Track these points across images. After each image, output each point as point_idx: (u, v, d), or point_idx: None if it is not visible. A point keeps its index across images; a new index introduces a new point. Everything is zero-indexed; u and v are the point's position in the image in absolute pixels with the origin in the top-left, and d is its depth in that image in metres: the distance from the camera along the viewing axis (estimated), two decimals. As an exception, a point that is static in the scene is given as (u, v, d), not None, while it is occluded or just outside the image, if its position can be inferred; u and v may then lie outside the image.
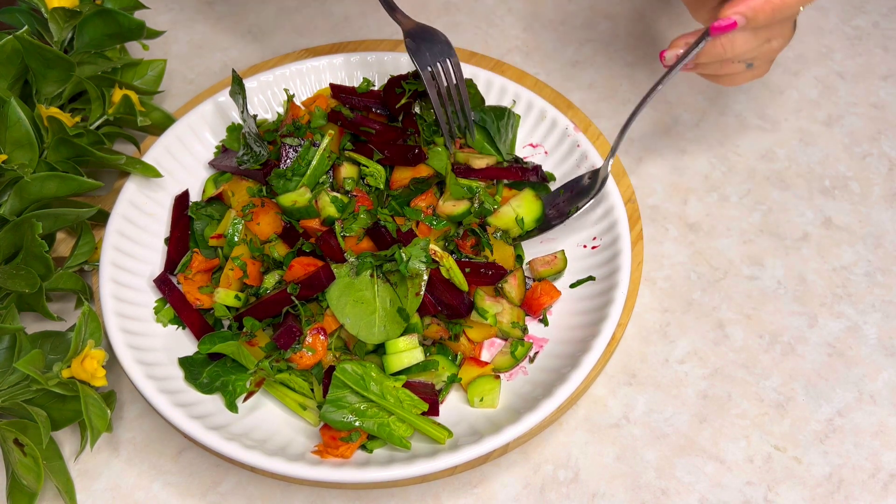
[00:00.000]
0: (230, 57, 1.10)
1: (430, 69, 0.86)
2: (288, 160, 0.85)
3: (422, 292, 0.77)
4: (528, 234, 0.88)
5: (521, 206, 0.87)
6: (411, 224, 0.83)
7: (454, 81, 0.87)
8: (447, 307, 0.79)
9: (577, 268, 0.86)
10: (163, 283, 0.84)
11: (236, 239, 0.83)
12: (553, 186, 0.92)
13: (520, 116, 0.95)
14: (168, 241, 0.88)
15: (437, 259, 0.80)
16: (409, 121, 0.89)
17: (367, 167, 0.87)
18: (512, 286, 0.83)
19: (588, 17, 1.12)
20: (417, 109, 0.90)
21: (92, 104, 0.90)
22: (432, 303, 0.78)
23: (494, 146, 0.92)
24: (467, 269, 0.82)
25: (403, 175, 0.87)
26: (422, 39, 0.87)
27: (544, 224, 0.88)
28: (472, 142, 0.90)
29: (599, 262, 0.85)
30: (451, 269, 0.80)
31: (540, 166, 0.91)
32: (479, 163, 0.88)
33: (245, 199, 0.86)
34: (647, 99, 0.82)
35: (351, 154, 0.87)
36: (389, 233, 0.80)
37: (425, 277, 0.78)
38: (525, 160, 0.93)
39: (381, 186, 0.86)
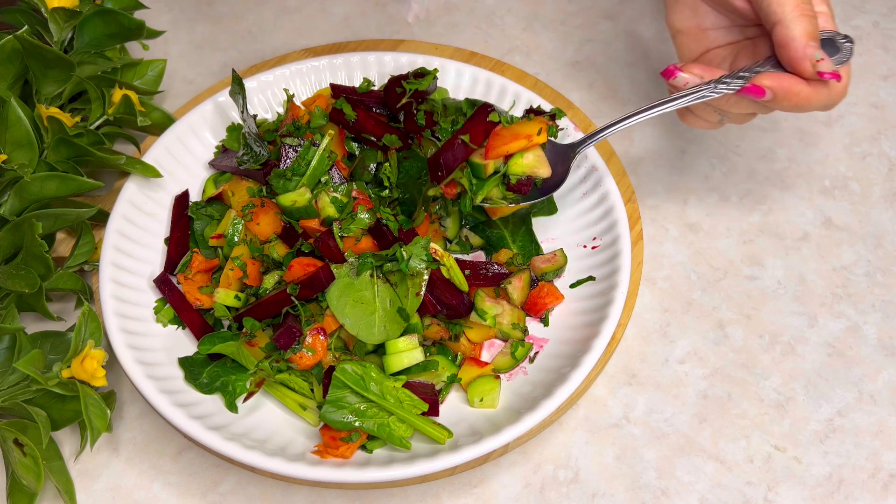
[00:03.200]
0: (230, 57, 1.10)
1: None
2: (288, 160, 0.85)
3: (422, 292, 0.77)
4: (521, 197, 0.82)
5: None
6: (413, 223, 0.83)
7: None
8: (447, 307, 0.79)
9: (577, 268, 0.86)
10: (163, 283, 0.84)
11: (236, 239, 0.83)
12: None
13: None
14: (168, 241, 0.88)
15: (437, 258, 0.80)
16: (409, 121, 0.89)
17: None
18: (516, 287, 0.83)
19: (588, 17, 1.12)
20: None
21: (92, 104, 0.90)
22: (432, 303, 0.78)
23: None
24: (467, 271, 0.82)
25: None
26: None
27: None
28: None
29: (599, 262, 0.85)
30: (451, 268, 0.80)
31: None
32: None
33: (245, 199, 0.86)
34: (631, 118, 0.79)
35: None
36: (391, 231, 0.80)
37: (426, 277, 0.78)
38: None
39: (395, 183, 0.86)
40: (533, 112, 0.85)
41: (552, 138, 0.83)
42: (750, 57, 0.80)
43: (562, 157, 0.83)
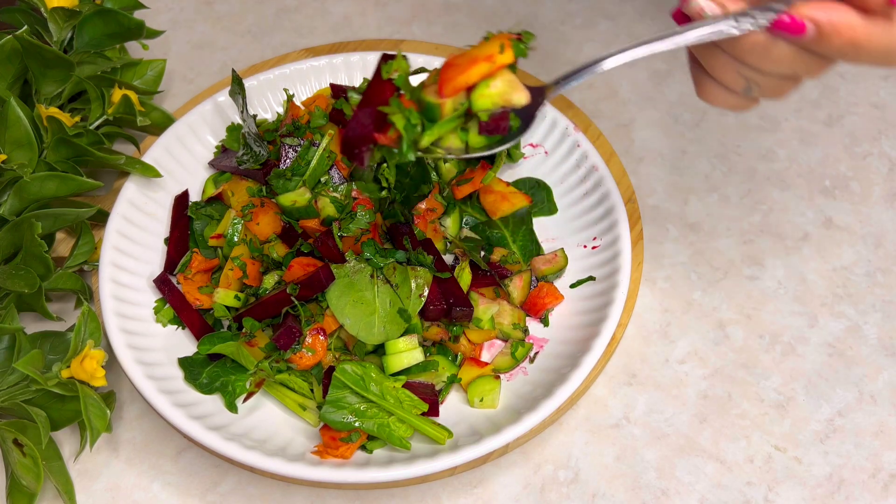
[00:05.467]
0: (230, 57, 1.09)
1: None
2: (288, 160, 0.85)
3: (425, 294, 0.77)
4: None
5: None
6: (427, 233, 0.84)
7: None
8: (448, 313, 0.79)
9: (577, 268, 0.86)
10: (163, 283, 0.84)
11: (236, 239, 0.83)
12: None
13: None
14: (168, 241, 0.88)
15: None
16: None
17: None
18: (516, 286, 0.83)
19: (588, 17, 1.12)
20: None
21: (91, 104, 0.90)
22: (435, 311, 0.78)
23: None
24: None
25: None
26: None
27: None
28: None
29: (599, 262, 0.85)
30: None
31: None
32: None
33: (245, 199, 0.86)
34: (625, 52, 0.61)
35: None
36: (414, 235, 0.81)
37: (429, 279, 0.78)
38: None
39: (392, 185, 0.86)
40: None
41: (521, 60, 0.64)
42: None
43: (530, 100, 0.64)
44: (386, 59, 0.62)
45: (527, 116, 0.63)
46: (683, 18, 0.59)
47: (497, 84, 0.61)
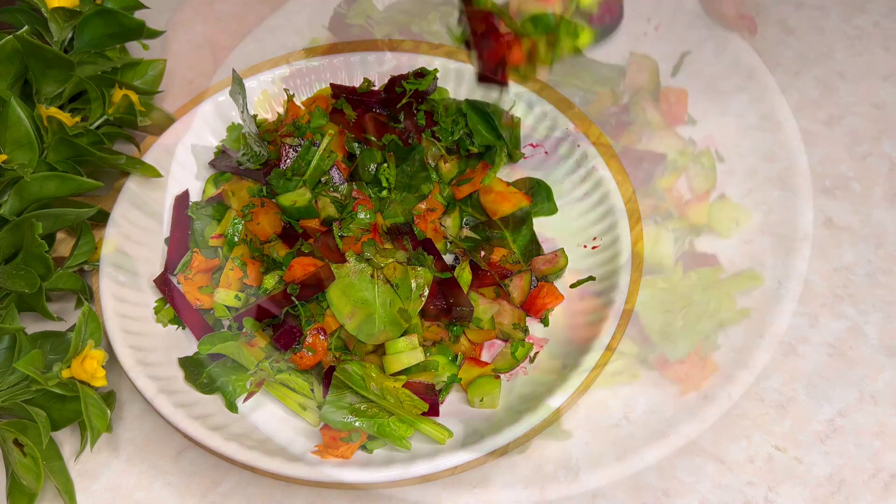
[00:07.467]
0: (230, 57, 1.09)
1: None
2: (288, 160, 0.85)
3: (425, 294, 0.77)
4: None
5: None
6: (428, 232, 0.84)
7: None
8: (449, 313, 0.79)
9: (578, 268, 0.86)
10: (163, 283, 0.84)
11: (236, 239, 0.83)
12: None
13: (520, 119, 0.94)
14: (168, 241, 0.88)
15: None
16: (409, 121, 0.89)
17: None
18: (516, 286, 0.83)
19: (588, 17, 1.12)
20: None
21: (92, 104, 0.90)
22: (435, 309, 0.78)
23: (494, 132, 0.91)
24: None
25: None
26: None
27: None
28: None
29: (599, 263, 0.85)
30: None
31: None
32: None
33: (245, 199, 0.86)
34: None
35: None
36: (414, 235, 0.81)
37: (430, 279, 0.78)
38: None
39: (392, 185, 0.86)
40: None
41: None
42: None
43: None
44: None
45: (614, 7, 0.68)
46: None
47: None
